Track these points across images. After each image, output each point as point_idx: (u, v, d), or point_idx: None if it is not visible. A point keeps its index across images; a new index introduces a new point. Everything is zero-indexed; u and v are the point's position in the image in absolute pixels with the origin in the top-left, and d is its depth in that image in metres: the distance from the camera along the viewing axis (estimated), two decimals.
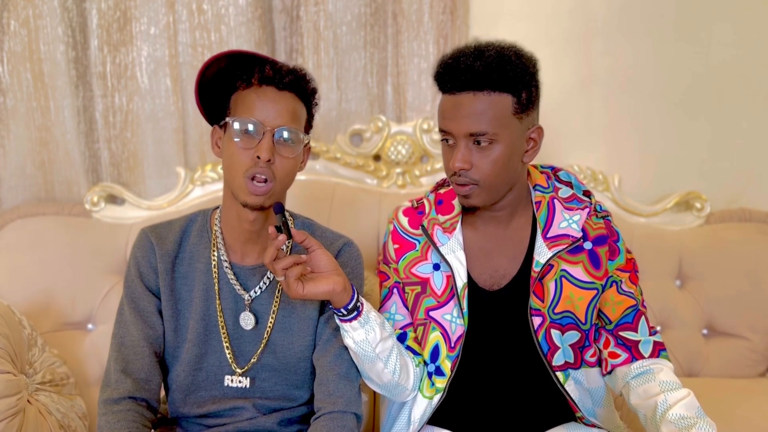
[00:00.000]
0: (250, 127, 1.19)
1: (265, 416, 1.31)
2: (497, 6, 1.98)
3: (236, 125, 1.19)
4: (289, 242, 1.15)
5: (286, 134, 1.20)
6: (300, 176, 1.94)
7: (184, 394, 1.31)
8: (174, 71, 1.92)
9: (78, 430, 1.51)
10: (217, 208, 1.36)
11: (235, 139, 1.19)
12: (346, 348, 1.27)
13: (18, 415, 1.30)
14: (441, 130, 1.25)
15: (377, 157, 2.02)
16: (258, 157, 1.17)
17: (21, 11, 1.85)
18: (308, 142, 1.30)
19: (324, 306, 1.31)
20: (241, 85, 1.23)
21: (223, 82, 1.24)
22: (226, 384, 1.30)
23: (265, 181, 1.19)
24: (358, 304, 1.22)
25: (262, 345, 1.30)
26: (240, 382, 1.30)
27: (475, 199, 1.25)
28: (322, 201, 1.89)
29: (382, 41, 1.99)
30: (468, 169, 1.21)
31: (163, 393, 1.35)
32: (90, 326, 1.81)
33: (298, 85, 1.23)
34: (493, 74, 1.17)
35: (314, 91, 1.28)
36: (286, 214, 1.36)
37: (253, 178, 1.19)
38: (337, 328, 1.25)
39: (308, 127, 1.30)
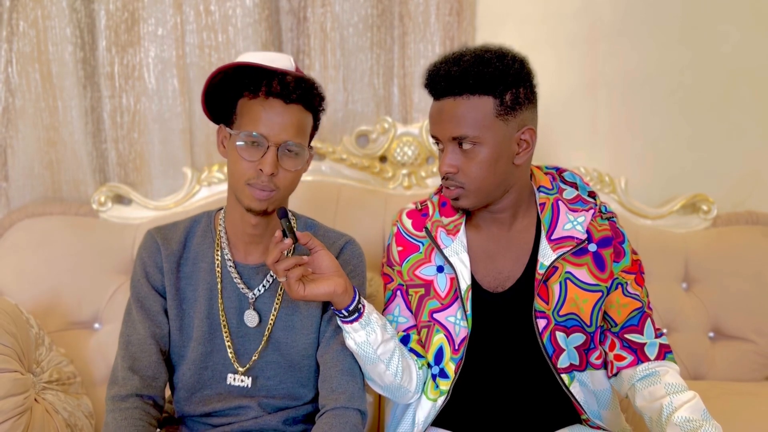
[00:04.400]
0: (255, 140, 1.19)
1: (269, 415, 1.32)
2: (503, 8, 1.98)
3: (241, 137, 1.20)
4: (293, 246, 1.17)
5: (290, 149, 1.21)
6: (306, 177, 1.94)
7: (190, 393, 1.32)
8: (181, 72, 1.93)
9: (84, 429, 1.52)
10: (221, 209, 1.38)
11: (240, 149, 1.20)
12: None
13: (25, 413, 1.31)
14: (431, 136, 1.28)
15: (383, 159, 2.02)
16: (261, 170, 1.18)
17: (30, 12, 1.86)
18: (312, 149, 1.30)
19: (326, 304, 1.32)
20: (247, 95, 1.22)
21: (230, 87, 1.24)
22: (228, 382, 1.30)
23: (268, 189, 1.21)
24: (360, 305, 1.22)
25: (263, 342, 1.30)
26: (242, 381, 1.30)
27: (463, 201, 1.26)
28: (328, 202, 1.90)
29: (388, 43, 1.99)
30: (455, 173, 1.23)
31: (168, 392, 1.36)
32: (96, 326, 1.82)
33: (306, 97, 1.22)
34: (469, 78, 1.18)
35: (322, 99, 1.27)
36: (289, 214, 1.37)
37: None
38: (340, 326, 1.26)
39: (313, 133, 1.30)
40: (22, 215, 1.87)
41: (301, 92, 1.20)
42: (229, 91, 1.24)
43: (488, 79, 1.18)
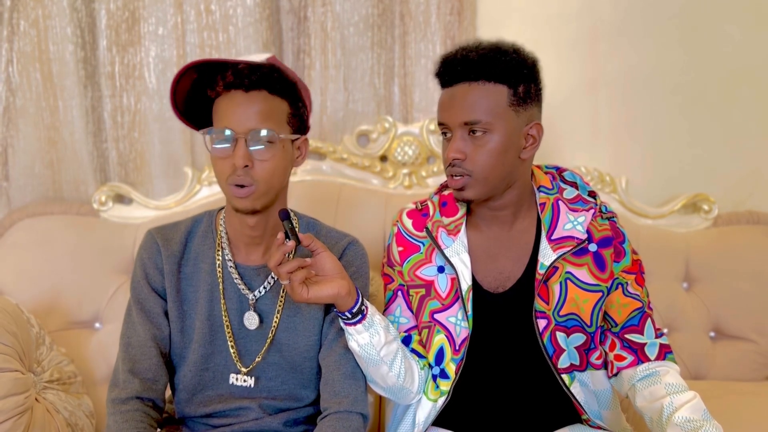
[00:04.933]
0: (222, 135, 1.18)
1: (270, 416, 1.31)
2: (504, 7, 1.98)
3: (210, 136, 1.19)
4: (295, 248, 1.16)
5: (258, 137, 1.17)
6: (306, 177, 1.95)
7: (191, 394, 1.32)
8: None
9: (85, 428, 1.52)
10: (222, 208, 1.37)
11: (213, 149, 1.19)
12: None
13: (26, 413, 1.31)
14: (439, 124, 1.27)
15: (384, 158, 2.02)
16: (234, 164, 1.17)
17: (30, 11, 1.86)
18: (299, 137, 1.26)
19: (329, 306, 1.31)
20: (212, 93, 1.20)
21: (202, 92, 1.22)
22: (230, 382, 1.30)
23: (244, 186, 1.18)
24: (363, 307, 1.22)
25: (267, 344, 1.30)
26: (245, 381, 1.30)
27: (468, 191, 1.25)
28: (329, 202, 1.90)
29: (389, 42, 1.99)
30: (462, 159, 1.22)
31: (169, 393, 1.36)
32: (97, 325, 1.82)
33: (269, 81, 1.18)
34: (487, 64, 1.19)
35: (291, 84, 1.22)
36: (291, 215, 1.37)
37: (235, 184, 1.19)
38: (342, 329, 1.26)
39: (296, 121, 1.25)
40: (22, 215, 1.87)
41: (258, 77, 1.17)
42: (204, 98, 1.23)
43: (505, 67, 1.19)
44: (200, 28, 1.92)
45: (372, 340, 1.22)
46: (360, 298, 1.22)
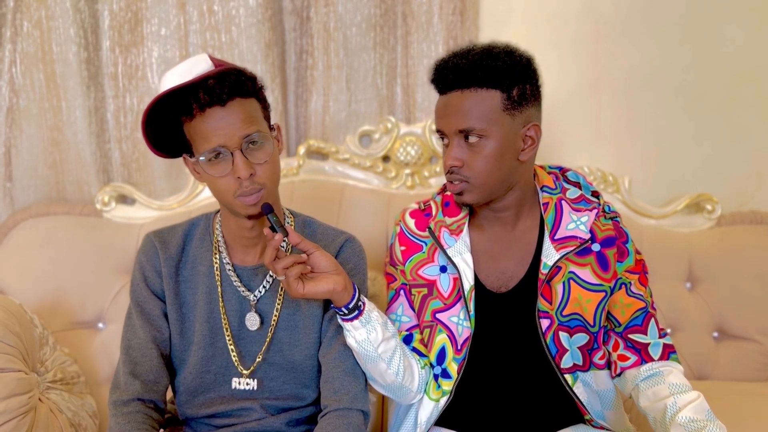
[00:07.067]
0: (216, 155, 1.16)
1: (273, 416, 1.31)
2: (506, 8, 1.98)
3: (203, 159, 1.17)
4: (288, 243, 1.16)
5: (252, 143, 1.17)
6: (309, 177, 1.96)
7: (192, 396, 1.32)
8: None
9: (88, 428, 1.52)
10: (218, 211, 1.37)
11: (209, 170, 1.18)
12: None
13: (29, 413, 1.31)
14: (436, 130, 1.27)
15: (386, 158, 2.02)
16: (239, 177, 1.16)
17: (34, 12, 1.87)
18: (275, 125, 1.26)
19: (328, 303, 1.31)
20: (185, 119, 1.18)
21: (171, 120, 1.20)
22: (233, 387, 1.30)
23: (255, 191, 1.18)
24: (360, 303, 1.22)
25: (266, 343, 1.30)
26: (247, 384, 1.30)
27: (467, 196, 1.26)
28: (331, 202, 1.90)
29: (391, 42, 1.99)
30: (460, 167, 1.23)
31: (170, 394, 1.36)
32: (100, 325, 1.83)
33: (239, 87, 1.17)
34: (477, 71, 1.18)
35: (254, 80, 1.21)
36: (285, 212, 1.37)
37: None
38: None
39: (267, 113, 1.25)
40: (26, 215, 1.88)
41: (228, 88, 1.15)
42: (172, 124, 1.21)
43: (496, 72, 1.18)
44: (203, 28, 1.93)
45: (369, 336, 1.22)
46: (357, 294, 1.22)
